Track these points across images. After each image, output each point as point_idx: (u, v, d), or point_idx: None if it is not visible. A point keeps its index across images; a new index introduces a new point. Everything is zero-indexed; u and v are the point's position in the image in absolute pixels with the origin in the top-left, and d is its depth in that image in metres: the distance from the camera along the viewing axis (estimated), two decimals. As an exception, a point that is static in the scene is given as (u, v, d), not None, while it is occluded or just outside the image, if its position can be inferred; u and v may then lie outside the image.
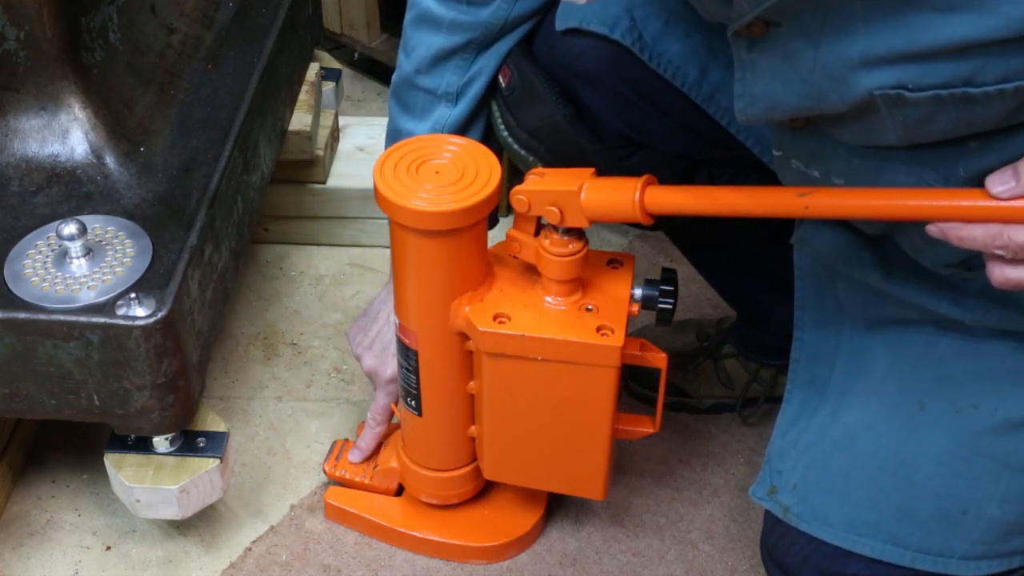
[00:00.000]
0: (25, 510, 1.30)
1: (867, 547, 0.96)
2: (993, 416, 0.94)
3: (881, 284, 0.98)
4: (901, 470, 0.96)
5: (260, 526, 1.29)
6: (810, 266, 1.05)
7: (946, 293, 0.95)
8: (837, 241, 0.98)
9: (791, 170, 0.94)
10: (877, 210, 0.84)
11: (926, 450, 0.96)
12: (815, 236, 1.00)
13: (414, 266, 1.04)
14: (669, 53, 1.06)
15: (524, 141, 1.14)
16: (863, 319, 1.03)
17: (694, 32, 1.05)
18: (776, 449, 1.05)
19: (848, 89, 0.78)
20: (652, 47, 1.06)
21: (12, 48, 1.12)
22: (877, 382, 1.00)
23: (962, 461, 0.94)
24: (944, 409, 0.96)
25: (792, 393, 1.07)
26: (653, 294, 1.07)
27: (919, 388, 0.98)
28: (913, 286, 0.96)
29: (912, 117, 0.78)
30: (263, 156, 1.34)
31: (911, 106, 0.77)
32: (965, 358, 0.96)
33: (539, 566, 1.26)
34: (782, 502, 1.01)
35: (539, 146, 1.13)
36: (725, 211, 0.92)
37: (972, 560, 0.95)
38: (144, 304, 1.05)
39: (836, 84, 0.79)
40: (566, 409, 1.09)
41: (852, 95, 0.78)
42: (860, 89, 0.77)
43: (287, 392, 1.45)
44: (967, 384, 0.96)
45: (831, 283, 1.04)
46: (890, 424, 0.98)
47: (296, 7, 1.47)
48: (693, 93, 1.07)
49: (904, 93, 0.76)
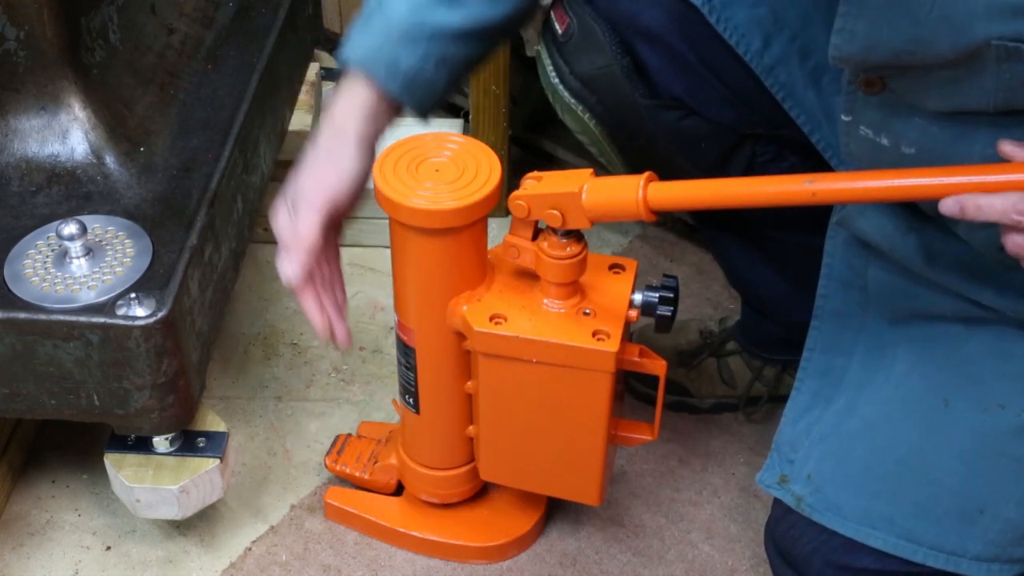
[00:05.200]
0: (25, 510, 1.30)
1: (880, 540, 0.96)
2: (1020, 417, 0.93)
3: (923, 269, 0.97)
4: (921, 465, 0.96)
5: (260, 526, 1.29)
6: (843, 252, 1.04)
7: (989, 282, 0.94)
8: (883, 222, 0.97)
9: (858, 136, 0.93)
10: (888, 192, 0.83)
11: (948, 447, 0.95)
12: (861, 216, 0.98)
13: (413, 264, 1.05)
14: (736, 19, 1.05)
15: (576, 89, 1.11)
16: (888, 313, 1.02)
17: (763, 2, 1.04)
18: (786, 438, 1.04)
19: (963, 35, 0.77)
20: (720, 11, 1.04)
21: (12, 48, 1.12)
22: (899, 377, 1.00)
23: (984, 460, 0.94)
24: (970, 408, 0.95)
25: (803, 382, 1.06)
26: (652, 300, 1.07)
27: (945, 385, 0.97)
28: (955, 273, 0.95)
29: (1020, 75, 0.77)
30: (263, 156, 1.35)
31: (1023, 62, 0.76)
32: (994, 358, 0.96)
33: (539, 566, 1.26)
34: (795, 492, 1.00)
35: (590, 96, 1.11)
36: (730, 203, 0.91)
37: (984, 562, 0.94)
38: (144, 304, 1.05)
39: (951, 29, 0.77)
40: (561, 413, 1.08)
41: (966, 42, 0.77)
42: (977, 36, 0.76)
43: (287, 392, 1.45)
44: (994, 384, 0.95)
45: (862, 272, 1.03)
46: (912, 419, 0.97)
47: (296, 7, 1.47)
48: (754, 63, 1.06)
49: (1022, 46, 0.75)
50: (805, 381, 1.06)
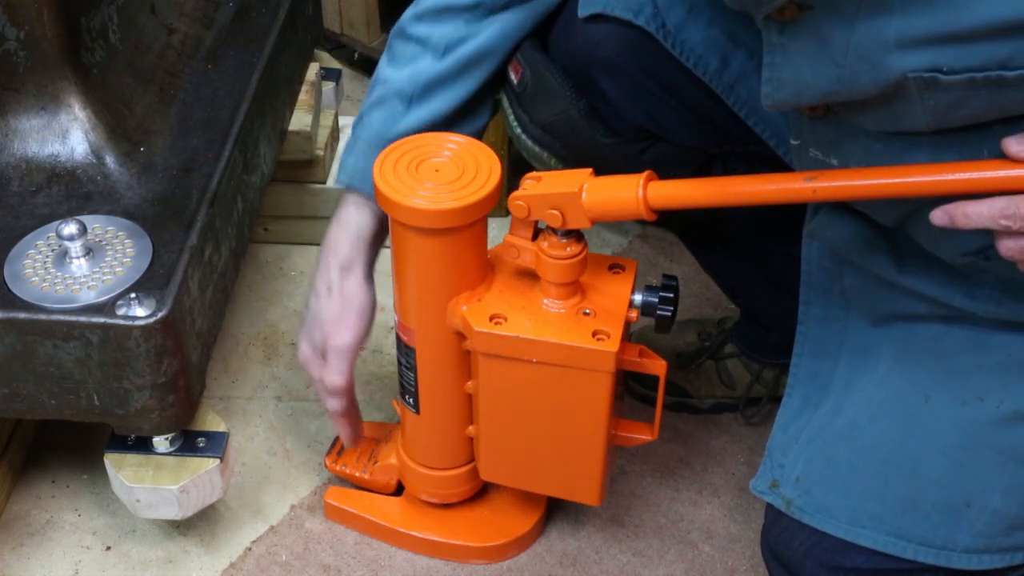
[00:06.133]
0: (25, 510, 1.30)
1: (870, 539, 0.96)
2: (999, 408, 0.94)
3: (894, 276, 0.98)
4: (905, 462, 0.96)
5: (260, 526, 1.29)
6: (818, 260, 1.05)
7: (960, 285, 0.94)
8: (851, 232, 0.98)
9: (808, 159, 0.94)
10: (887, 189, 0.83)
11: (931, 442, 0.96)
12: (829, 227, 0.99)
13: (413, 264, 1.05)
14: (691, 42, 1.05)
15: (537, 137, 1.12)
16: (869, 315, 1.03)
17: (716, 22, 1.05)
18: (777, 443, 1.05)
19: (881, 72, 0.78)
20: (675, 35, 1.05)
21: (12, 48, 1.12)
22: (881, 376, 1.00)
23: (967, 453, 0.94)
24: (949, 402, 0.96)
25: (794, 388, 1.07)
26: (652, 300, 1.07)
27: (924, 381, 0.97)
28: (926, 278, 0.96)
29: (943, 101, 0.78)
30: (263, 156, 1.35)
31: (943, 90, 0.77)
32: (971, 351, 0.96)
33: (539, 566, 1.26)
34: (784, 495, 1.01)
35: (553, 142, 1.12)
36: (732, 201, 0.91)
37: (975, 554, 0.95)
38: (144, 304, 1.05)
39: (869, 67, 0.78)
40: (561, 413, 1.08)
41: (885, 78, 0.78)
42: (894, 71, 0.77)
43: (287, 392, 1.45)
44: (973, 377, 0.95)
45: (839, 277, 1.04)
46: (895, 417, 0.98)
47: (296, 7, 1.47)
48: (714, 83, 1.07)
49: (939, 76, 0.76)
50: (795, 387, 1.07)
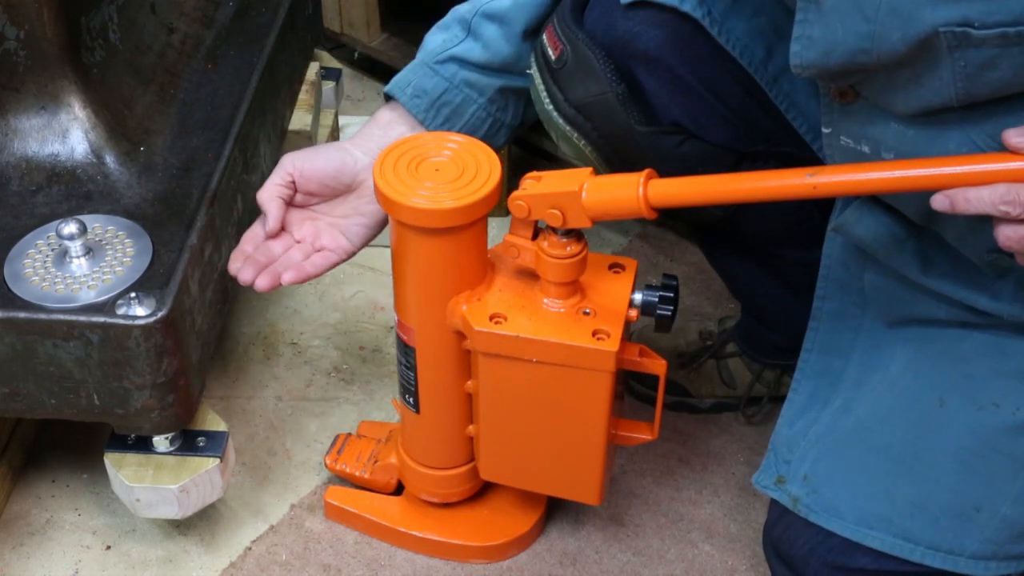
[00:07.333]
0: (25, 510, 1.30)
1: (877, 540, 0.96)
2: (1015, 415, 0.94)
3: (918, 277, 0.97)
4: (917, 464, 0.96)
5: (260, 526, 1.29)
6: (840, 256, 1.04)
7: (984, 288, 0.94)
8: (880, 230, 0.97)
9: (840, 147, 0.93)
10: (887, 183, 0.83)
11: (944, 446, 0.95)
12: (859, 223, 0.98)
13: (413, 263, 1.05)
14: (737, 31, 1.04)
15: (570, 116, 1.09)
16: (885, 315, 1.02)
17: (762, 11, 1.04)
18: (783, 439, 1.04)
19: (912, 26, 0.78)
20: (721, 23, 1.04)
21: (12, 48, 1.12)
22: (894, 376, 1.00)
23: (979, 458, 0.94)
24: (965, 406, 0.95)
25: (800, 383, 1.06)
26: (653, 300, 1.07)
27: (940, 384, 0.97)
28: (951, 280, 0.96)
29: (974, 62, 0.78)
30: (263, 156, 1.35)
31: (975, 47, 0.76)
32: (989, 357, 0.96)
33: (539, 566, 1.26)
34: (791, 493, 1.00)
35: (585, 123, 1.09)
36: (733, 198, 0.91)
37: (982, 560, 0.95)
38: (144, 304, 1.05)
39: (900, 21, 0.78)
40: (561, 412, 1.08)
41: (916, 33, 0.78)
42: (925, 25, 0.77)
43: (287, 392, 1.45)
44: (990, 382, 0.95)
45: (859, 275, 1.03)
46: (907, 418, 0.97)
47: (296, 7, 1.47)
48: (759, 74, 1.06)
49: (970, 31, 0.76)
50: (802, 382, 1.06)
